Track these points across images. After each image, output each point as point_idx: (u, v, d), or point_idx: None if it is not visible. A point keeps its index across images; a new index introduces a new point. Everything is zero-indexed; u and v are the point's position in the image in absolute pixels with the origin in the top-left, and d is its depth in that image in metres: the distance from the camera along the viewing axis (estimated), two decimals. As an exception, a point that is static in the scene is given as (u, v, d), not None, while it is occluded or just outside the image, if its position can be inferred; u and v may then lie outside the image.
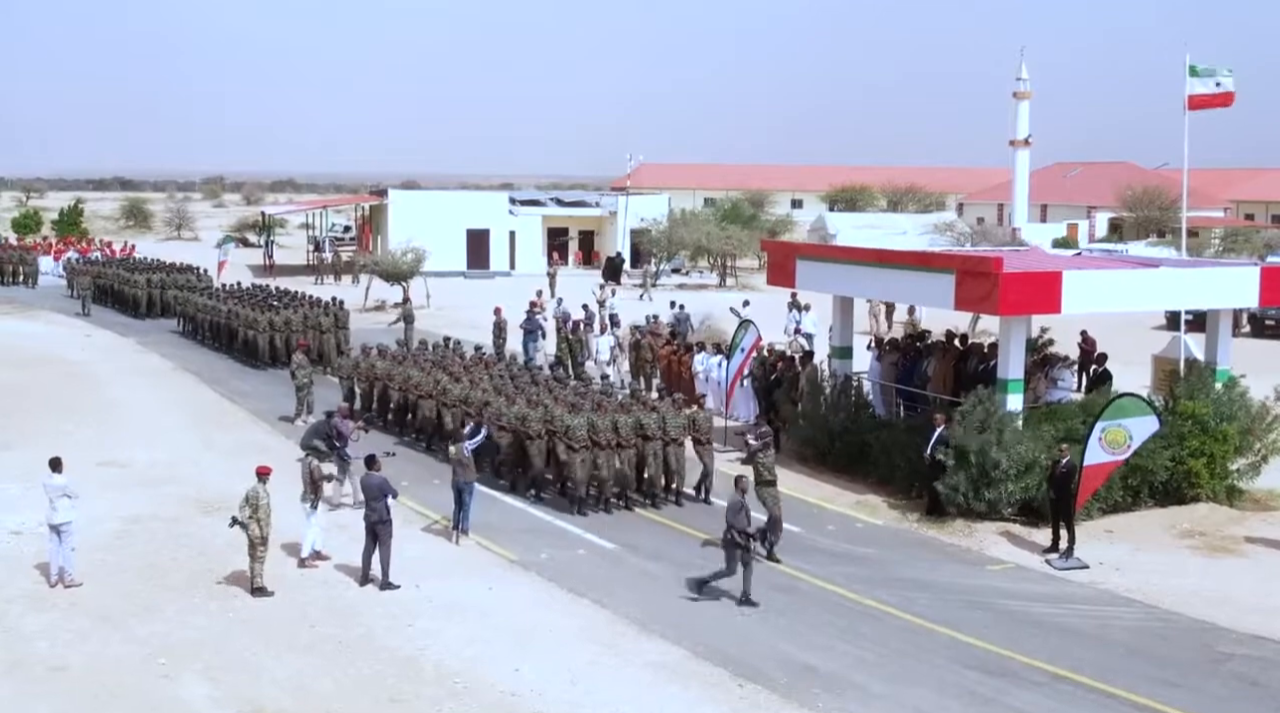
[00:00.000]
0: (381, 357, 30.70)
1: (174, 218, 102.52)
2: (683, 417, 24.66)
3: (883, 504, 24.67)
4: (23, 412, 31.80)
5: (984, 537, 22.70)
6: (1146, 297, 24.22)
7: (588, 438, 23.34)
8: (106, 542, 21.66)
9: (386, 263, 53.90)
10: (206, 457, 27.83)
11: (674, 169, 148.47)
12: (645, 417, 24.12)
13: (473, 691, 16.03)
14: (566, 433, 23.43)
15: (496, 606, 19.01)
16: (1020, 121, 78.26)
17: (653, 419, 24.09)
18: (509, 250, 70.10)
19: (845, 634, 18.07)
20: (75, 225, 77.91)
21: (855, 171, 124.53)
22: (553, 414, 23.94)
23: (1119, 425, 21.13)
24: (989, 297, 22.83)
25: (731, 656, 17.18)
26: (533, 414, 24.14)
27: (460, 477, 21.97)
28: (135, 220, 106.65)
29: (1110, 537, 22.71)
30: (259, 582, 19.25)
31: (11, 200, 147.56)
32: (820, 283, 27.51)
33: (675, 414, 24.58)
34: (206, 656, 16.93)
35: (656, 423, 24.07)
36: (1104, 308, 25.13)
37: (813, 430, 27.54)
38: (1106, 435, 21.10)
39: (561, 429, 23.57)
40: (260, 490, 19.20)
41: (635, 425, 23.88)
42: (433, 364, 28.96)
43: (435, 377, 27.86)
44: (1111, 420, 21.14)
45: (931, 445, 23.51)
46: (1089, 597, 19.87)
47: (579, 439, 23.31)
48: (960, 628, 18.28)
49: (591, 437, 23.35)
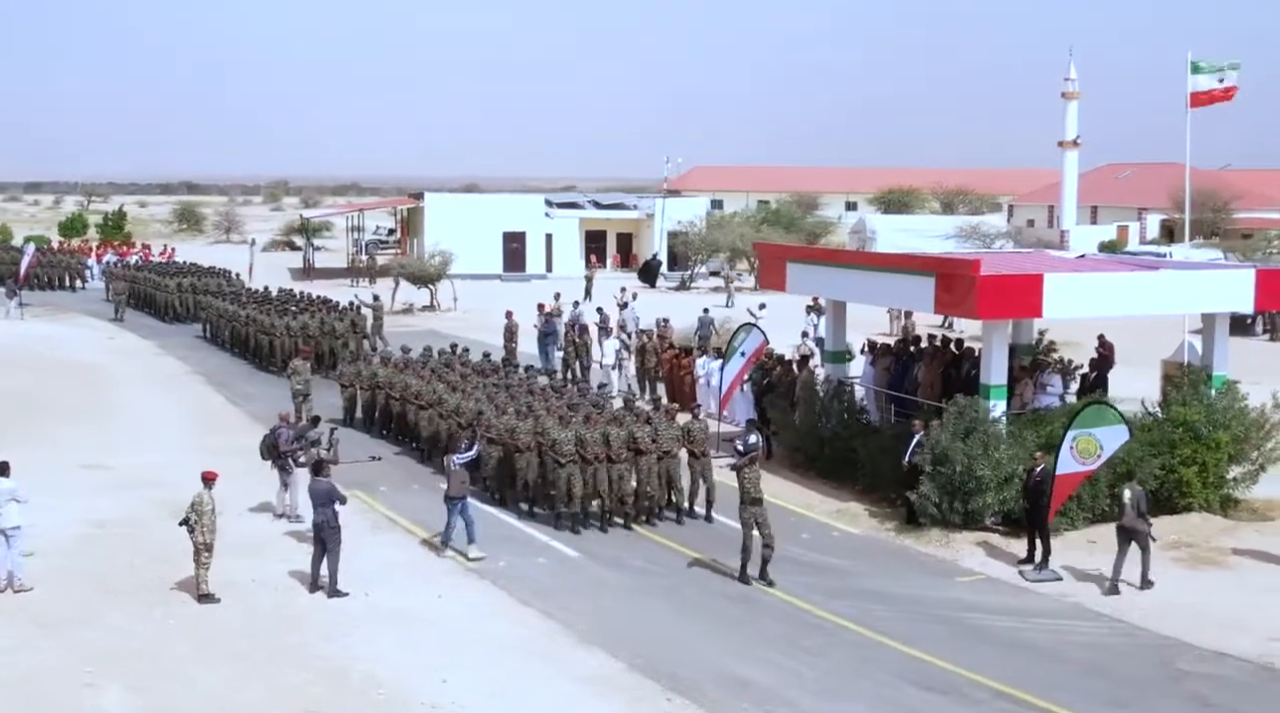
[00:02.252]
0: (384, 364, 30.51)
1: (223, 221, 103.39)
2: (676, 428, 23.76)
3: (864, 513, 24.15)
4: (20, 415, 31.87)
5: (960, 547, 22.13)
6: (1135, 301, 23.47)
7: (575, 452, 22.60)
8: (69, 546, 21.58)
9: (413, 266, 53.82)
10: (194, 460, 27.42)
11: (728, 171, 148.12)
12: (639, 429, 23.24)
13: (393, 702, 15.74)
14: (553, 446, 22.69)
15: (442, 614, 18.71)
16: (1069, 122, 77.27)
17: (646, 432, 23.22)
18: (545, 253, 69.95)
19: (791, 648, 17.60)
20: (119, 229, 78.65)
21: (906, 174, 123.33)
22: (543, 426, 23.14)
23: (1089, 435, 20.50)
24: (967, 300, 22.30)
25: (668, 668, 16.77)
26: (522, 426, 23.34)
27: (451, 489, 21.24)
28: (187, 224, 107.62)
29: (1092, 547, 22.04)
30: (204, 588, 19.05)
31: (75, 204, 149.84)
32: (810, 286, 27.09)
33: (669, 425, 23.71)
34: (137, 664, 16.72)
35: (650, 436, 23.23)
36: (1089, 312, 24.48)
37: (802, 436, 27.03)
38: (1078, 445, 20.47)
39: (548, 442, 22.85)
40: (205, 496, 19.02)
41: (628, 439, 23.05)
42: (432, 372, 28.59)
43: (433, 386, 27.49)
44: (1082, 429, 20.51)
45: (909, 453, 22.98)
46: (1055, 610, 19.27)
47: (565, 453, 22.55)
48: (912, 642, 17.75)
49: (579, 451, 22.64)
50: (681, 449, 23.72)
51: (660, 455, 23.33)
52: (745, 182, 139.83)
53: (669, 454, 23.45)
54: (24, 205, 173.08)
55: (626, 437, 23.08)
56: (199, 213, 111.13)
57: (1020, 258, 27.86)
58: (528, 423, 23.39)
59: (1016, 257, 29.63)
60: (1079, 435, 20.48)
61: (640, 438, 23.13)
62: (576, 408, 24.08)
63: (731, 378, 28.78)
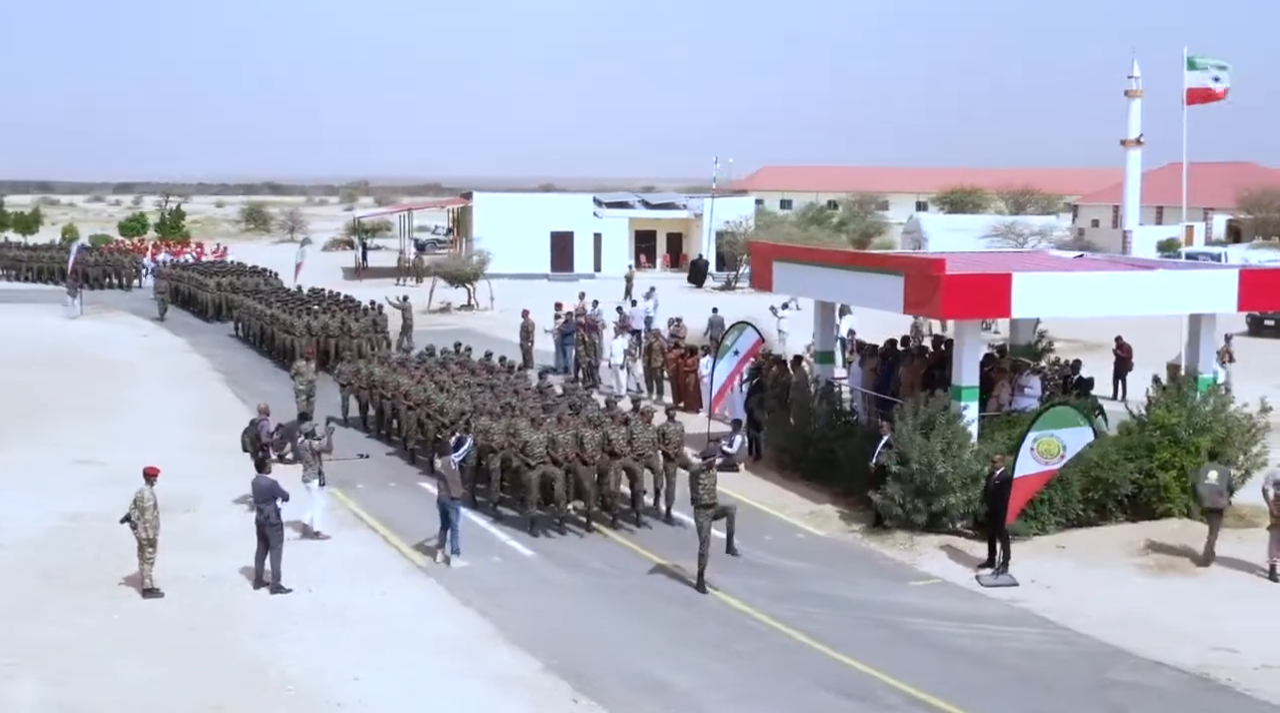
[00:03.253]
0: (381, 364, 30.66)
1: (287, 221, 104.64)
2: (651, 431, 23.46)
3: (836, 515, 23.89)
4: (31, 410, 32.49)
5: (923, 550, 21.82)
6: (1110, 301, 22.97)
7: (546, 454, 22.45)
8: (39, 539, 21.91)
9: (448, 265, 54.09)
10: (190, 457, 27.97)
11: (798, 171, 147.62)
12: (613, 431, 23.02)
13: (301, 698, 15.79)
14: (523, 449, 22.54)
15: (379, 613, 18.74)
16: (1132, 121, 76.00)
17: (621, 434, 23.01)
18: (593, 253, 70.01)
19: (720, 651, 17.43)
20: (177, 228, 79.85)
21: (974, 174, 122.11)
22: (514, 427, 23.03)
23: (1051, 435, 20.11)
24: (932, 299, 21.95)
25: (586, 670, 16.68)
26: (495, 426, 23.24)
27: (444, 492, 21.02)
28: (254, 224, 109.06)
29: (1059, 553, 21.67)
30: (148, 583, 19.24)
31: (154, 204, 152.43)
32: (794, 286, 26.89)
33: (644, 428, 23.41)
34: (62, 658, 16.90)
35: (624, 438, 23.02)
36: (1061, 312, 24.10)
37: (788, 437, 26.81)
38: (1039, 446, 20.09)
39: (519, 444, 22.71)
40: (146, 493, 19.23)
41: (602, 441, 22.87)
42: (424, 372, 28.66)
43: (424, 386, 27.54)
44: (1044, 430, 20.13)
45: (876, 454, 22.71)
46: (1001, 616, 18.92)
47: (536, 455, 22.40)
48: (844, 647, 17.50)
49: (551, 453, 22.48)
50: (657, 451, 23.40)
51: (636, 457, 23.15)
52: (815, 182, 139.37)
53: (643, 456, 23.26)
54: (106, 205, 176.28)
55: (601, 439, 22.90)
56: (266, 213, 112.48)
57: (1007, 258, 27.39)
58: (501, 423, 23.30)
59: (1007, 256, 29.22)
60: (1040, 437, 20.11)
61: (615, 440, 22.94)
62: (551, 409, 24.00)
63: (724, 377, 28.57)
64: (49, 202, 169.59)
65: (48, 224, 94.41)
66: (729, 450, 27.55)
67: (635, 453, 23.13)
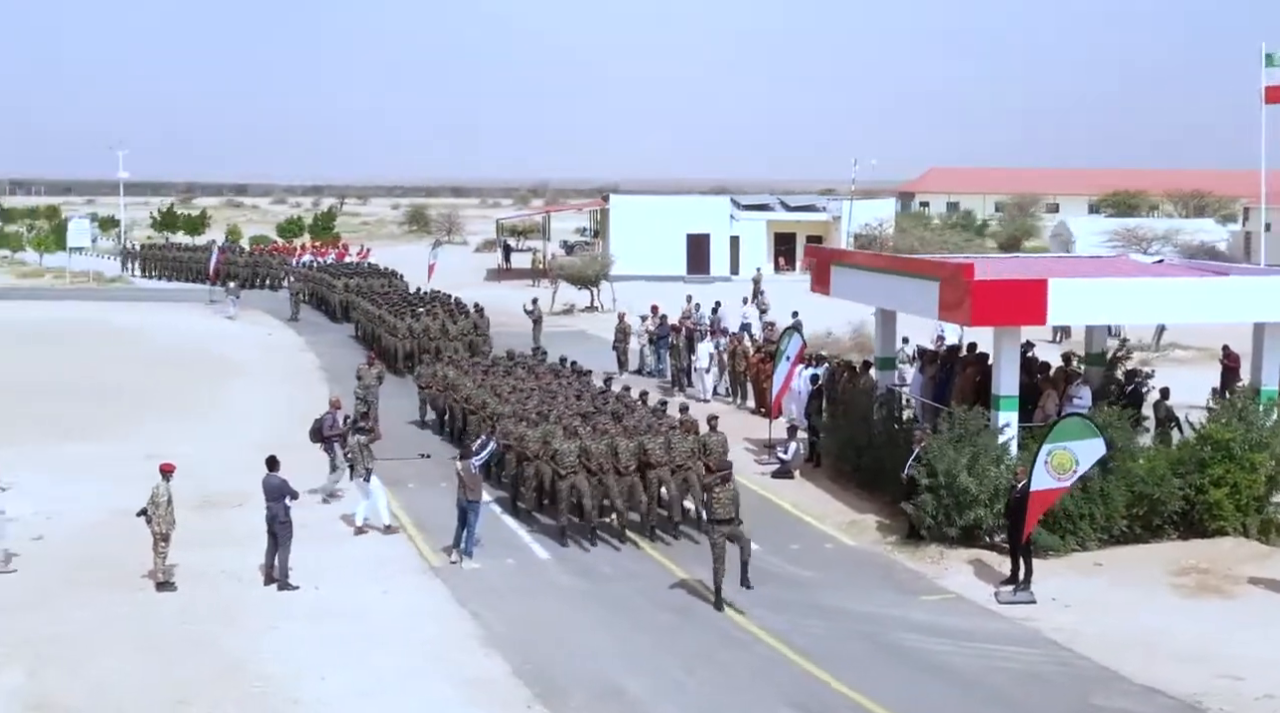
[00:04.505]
0: (453, 366, 30.94)
1: (444, 223, 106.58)
2: (690, 441, 22.95)
3: (874, 525, 23.37)
4: (126, 406, 33.69)
5: (951, 564, 21.21)
6: (1151, 308, 22.11)
7: (579, 464, 22.16)
8: (77, 532, 22.64)
9: (571, 267, 54.42)
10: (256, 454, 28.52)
11: (966, 173, 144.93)
12: (650, 441, 22.60)
13: (265, 696, 16.02)
14: (554, 457, 22.37)
15: (373, 612, 18.93)
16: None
17: (657, 444, 22.57)
18: (730, 255, 69.72)
19: (695, 661, 17.19)
20: (328, 230, 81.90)
21: (1142, 175, 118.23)
22: (547, 436, 22.82)
23: (1065, 449, 19.31)
24: (961, 305, 21.31)
25: (554, 675, 16.63)
26: (531, 434, 23.10)
27: (465, 495, 21.16)
28: (416, 225, 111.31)
29: (1094, 570, 20.88)
30: (160, 577, 19.77)
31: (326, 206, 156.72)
32: (849, 290, 26.26)
33: (683, 438, 22.93)
34: (51, 649, 17.36)
35: (661, 448, 22.58)
36: (1100, 319, 23.12)
37: (842, 445, 26.32)
38: (1053, 459, 19.32)
39: (549, 453, 22.53)
40: (162, 488, 19.72)
41: (637, 450, 22.43)
42: (484, 376, 28.83)
43: (483, 391, 27.68)
44: (1057, 443, 19.34)
45: (909, 464, 22.15)
46: (1004, 634, 18.26)
47: (566, 465, 22.14)
48: (824, 661, 17.09)
49: (584, 462, 22.19)
50: (696, 462, 22.74)
51: (674, 469, 22.64)
52: (982, 184, 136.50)
53: (682, 468, 22.66)
54: (288, 207, 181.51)
55: (636, 449, 22.47)
56: (427, 215, 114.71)
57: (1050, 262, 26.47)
58: (537, 431, 23.13)
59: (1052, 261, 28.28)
60: (1054, 450, 19.35)
61: (651, 450, 22.48)
62: (590, 417, 23.73)
63: (780, 383, 28.20)
64: (234, 203, 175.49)
65: (214, 226, 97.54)
66: (784, 457, 27.23)
67: (674, 464, 22.63)
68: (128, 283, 68.32)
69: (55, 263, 73.35)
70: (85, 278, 68.16)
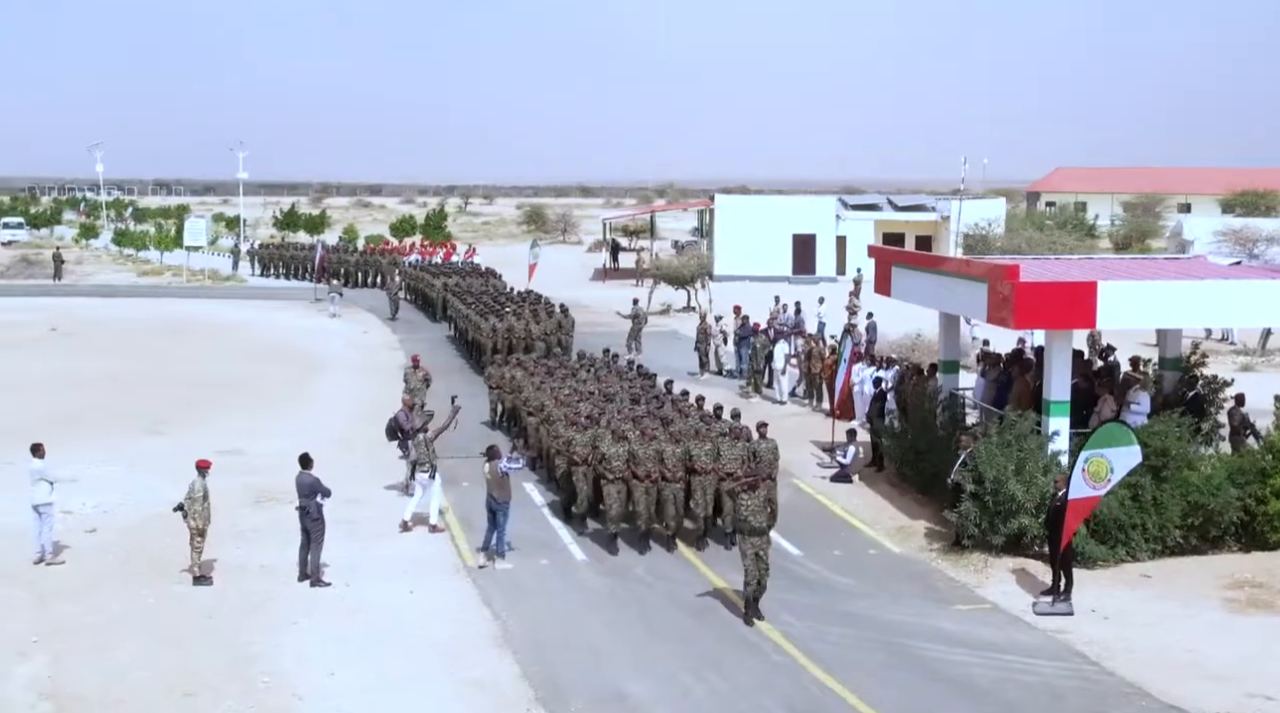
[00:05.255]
0: (520, 367, 30.95)
1: (559, 222, 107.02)
2: (740, 448, 22.43)
3: (923, 531, 22.90)
4: (210, 401, 34.36)
5: (993, 573, 20.69)
6: (1213, 311, 21.29)
7: (626, 469, 21.91)
8: (131, 525, 23.06)
9: (667, 268, 54.25)
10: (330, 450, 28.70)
11: (1092, 173, 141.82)
12: (696, 447, 22.26)
13: (270, 691, 16.15)
14: (601, 461, 22.16)
15: (397, 610, 18.98)
16: None
17: (704, 450, 22.20)
18: (836, 255, 68.96)
19: (706, 665, 16.96)
20: (439, 229, 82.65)
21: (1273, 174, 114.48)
22: (595, 440, 22.64)
23: (1101, 455, 18.66)
24: (1007, 308, 20.75)
25: (561, 678, 16.53)
26: (579, 438, 22.91)
27: (495, 497, 21.22)
28: (534, 225, 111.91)
29: (1141, 582, 20.21)
30: (197, 571, 20.06)
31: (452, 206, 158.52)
32: (907, 292, 25.75)
33: (732, 445, 22.46)
34: (79, 639, 17.70)
35: (708, 455, 22.14)
36: (1154, 322, 22.35)
37: (903, 449, 25.83)
38: (1090, 466, 18.69)
39: (597, 457, 22.35)
40: (198, 484, 20.00)
41: (684, 456, 22.11)
42: (546, 376, 28.79)
43: (541, 393, 27.64)
44: (1094, 450, 18.71)
45: (955, 469, 21.65)
46: (1031, 647, 17.73)
47: (615, 470, 21.89)
48: (835, 669, 16.77)
49: (631, 468, 21.93)
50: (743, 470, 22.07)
51: (722, 477, 22.15)
52: (1111, 183, 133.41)
53: (731, 476, 22.03)
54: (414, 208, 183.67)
55: (683, 454, 22.14)
56: (544, 215, 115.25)
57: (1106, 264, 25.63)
58: (585, 435, 22.93)
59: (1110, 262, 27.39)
60: (1091, 457, 18.72)
61: (697, 456, 22.11)
62: (640, 421, 23.49)
63: (840, 385, 27.78)
64: (363, 203, 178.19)
65: (335, 226, 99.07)
66: (843, 461, 26.81)
67: (723, 471, 22.16)
68: (241, 281, 69.70)
69: (175, 261, 75.12)
70: (201, 276, 69.70)
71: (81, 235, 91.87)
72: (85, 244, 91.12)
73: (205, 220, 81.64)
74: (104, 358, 42.04)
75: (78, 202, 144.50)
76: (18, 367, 40.36)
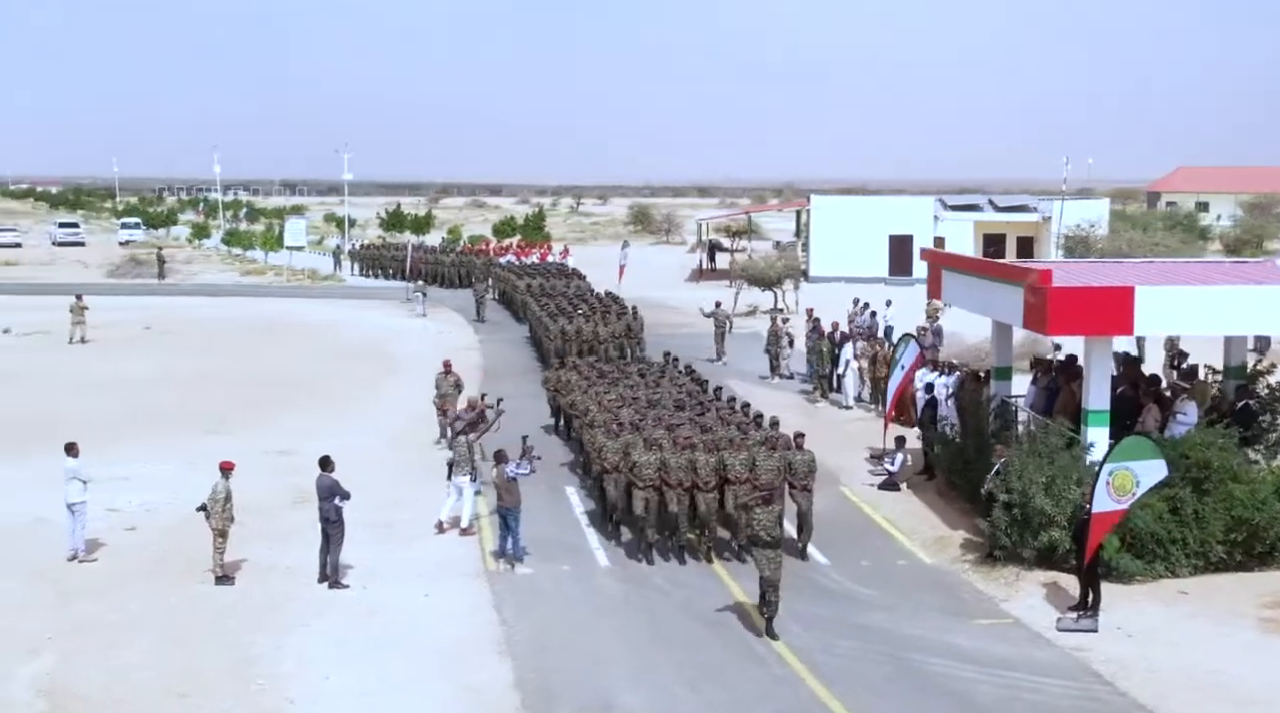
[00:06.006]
0: (574, 371, 30.85)
1: (663, 223, 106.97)
2: (776, 458, 21.89)
3: (959, 542, 22.34)
4: (278, 400, 34.79)
5: (1023, 587, 20.11)
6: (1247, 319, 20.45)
7: (657, 477, 21.59)
8: (170, 524, 23.33)
9: (753, 269, 53.82)
10: (384, 451, 29.11)
11: (1214, 172, 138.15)
12: (731, 457, 21.79)
13: (264, 693, 16.24)
14: (632, 469, 21.88)
15: (407, 614, 18.98)
16: None
17: (739, 460, 21.72)
18: (933, 258, 67.90)
19: (704, 675, 16.73)
20: (538, 230, 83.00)
21: None
22: (631, 445, 22.36)
23: (1126, 468, 18.03)
24: (1040, 314, 20.16)
25: (550, 684, 16.46)
26: (610, 445, 22.69)
27: (503, 502, 21.25)
28: (640, 225, 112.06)
29: (1177, 599, 19.49)
30: (219, 571, 20.25)
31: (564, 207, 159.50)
32: (956, 296, 25.19)
33: (768, 455, 21.93)
34: (91, 637, 17.94)
35: (743, 464, 21.55)
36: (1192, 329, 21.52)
37: (950, 456, 25.29)
38: (1115, 480, 18.07)
39: (628, 464, 22.06)
40: (220, 485, 20.20)
41: (718, 465, 21.72)
42: (593, 381, 28.66)
43: (587, 397, 27.52)
44: (1119, 462, 18.07)
45: (988, 479, 21.11)
46: (1045, 664, 17.18)
47: (645, 477, 21.61)
48: (836, 683, 16.43)
49: (663, 476, 21.62)
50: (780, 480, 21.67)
51: (755, 486, 21.31)
52: (1233, 183, 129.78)
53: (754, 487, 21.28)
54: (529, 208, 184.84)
55: (716, 463, 21.76)
56: (650, 215, 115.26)
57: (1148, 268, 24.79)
58: (617, 442, 22.66)
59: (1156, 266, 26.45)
60: (1116, 470, 18.11)
61: (731, 465, 21.65)
62: (675, 428, 23.22)
63: (894, 391, 27.25)
64: (477, 204, 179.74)
65: (438, 226, 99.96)
66: (891, 468, 26.30)
67: (757, 480, 21.43)
68: (340, 281, 70.64)
69: (279, 262, 76.41)
70: (301, 276, 70.78)
71: (194, 236, 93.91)
72: (198, 244, 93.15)
73: (304, 221, 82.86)
74: (189, 357, 42.80)
75: (197, 202, 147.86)
76: (105, 366, 41.24)
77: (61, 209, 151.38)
